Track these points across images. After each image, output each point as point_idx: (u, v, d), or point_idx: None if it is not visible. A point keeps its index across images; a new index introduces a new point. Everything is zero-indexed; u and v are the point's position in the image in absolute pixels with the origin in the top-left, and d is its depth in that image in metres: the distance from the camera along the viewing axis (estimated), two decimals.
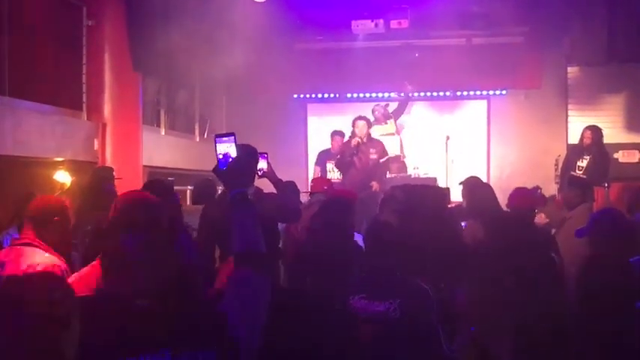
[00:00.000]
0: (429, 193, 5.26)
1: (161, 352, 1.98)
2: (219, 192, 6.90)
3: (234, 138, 2.53)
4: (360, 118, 10.01)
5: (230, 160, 2.48)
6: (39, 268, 3.32)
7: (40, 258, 3.54)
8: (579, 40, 9.69)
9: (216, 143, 2.53)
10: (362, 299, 3.54)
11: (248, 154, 3.96)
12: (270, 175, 4.71)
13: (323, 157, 10.87)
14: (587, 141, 9.13)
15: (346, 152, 9.80)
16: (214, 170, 2.49)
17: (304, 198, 7.88)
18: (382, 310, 3.50)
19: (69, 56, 8.49)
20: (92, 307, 2.02)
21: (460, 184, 5.99)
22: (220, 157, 2.49)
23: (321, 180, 7.76)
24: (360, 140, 9.64)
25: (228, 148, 2.51)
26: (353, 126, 9.99)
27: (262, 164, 4.52)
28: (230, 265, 2.32)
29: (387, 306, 3.49)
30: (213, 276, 3.13)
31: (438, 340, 3.47)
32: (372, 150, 9.81)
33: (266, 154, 4.63)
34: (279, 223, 5.23)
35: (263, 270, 2.26)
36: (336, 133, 10.70)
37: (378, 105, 11.52)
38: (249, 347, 2.12)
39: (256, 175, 4.67)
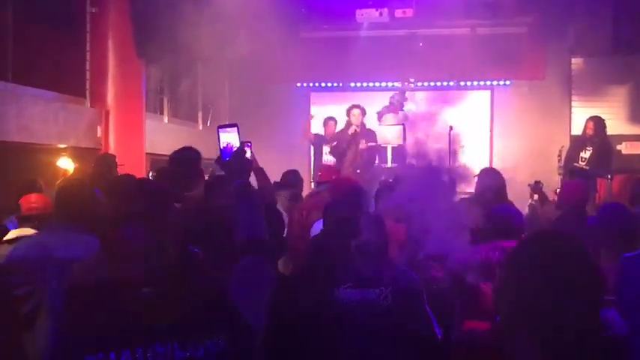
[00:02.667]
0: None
1: (169, 341, 1.96)
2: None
3: (237, 128, 2.55)
4: (355, 106, 10.11)
5: (230, 149, 2.50)
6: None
7: None
8: (584, 31, 9.64)
9: (219, 133, 2.53)
10: (348, 288, 3.49)
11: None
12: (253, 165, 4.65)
13: (318, 141, 10.97)
14: (589, 132, 9.10)
15: (342, 140, 9.88)
16: (217, 161, 2.51)
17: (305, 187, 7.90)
18: (372, 298, 3.45)
19: (72, 43, 8.48)
20: (96, 296, 2.02)
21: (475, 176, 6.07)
22: (223, 147, 2.50)
23: (330, 169, 7.74)
24: (356, 129, 9.72)
25: (231, 139, 2.52)
26: (348, 114, 10.06)
27: (247, 153, 4.43)
28: None
29: (377, 293, 3.46)
30: None
31: (430, 326, 3.46)
32: (362, 140, 9.87)
33: (250, 142, 4.55)
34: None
35: (267, 257, 2.32)
36: (330, 119, 10.85)
37: (396, 93, 11.56)
38: (256, 332, 2.16)
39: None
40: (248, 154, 4.44)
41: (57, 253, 2.72)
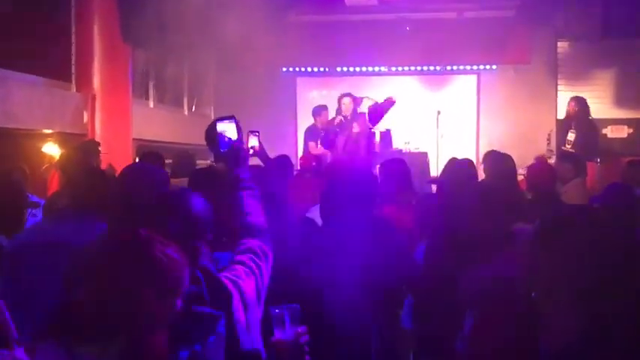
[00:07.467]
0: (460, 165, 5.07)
1: None
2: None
3: (235, 119, 2.66)
4: (346, 95, 10.05)
5: (227, 140, 2.60)
6: None
7: None
8: (572, 14, 9.65)
9: (216, 125, 2.63)
10: None
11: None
12: (261, 153, 4.57)
13: (310, 135, 10.78)
14: (570, 109, 9.17)
15: (330, 130, 9.87)
16: (215, 151, 2.59)
17: None
18: None
19: (58, 26, 8.32)
20: None
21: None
22: (220, 137, 2.59)
23: (310, 156, 7.69)
24: (342, 119, 9.73)
25: (227, 129, 2.59)
26: (339, 103, 10.02)
27: (254, 142, 4.34)
28: None
29: None
30: None
31: None
32: (354, 124, 9.83)
33: (257, 132, 4.47)
34: None
35: (266, 240, 2.49)
36: (323, 109, 10.69)
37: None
38: (259, 306, 2.33)
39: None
40: (255, 143, 4.41)
41: (67, 240, 2.64)
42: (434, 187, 5.90)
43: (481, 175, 5.95)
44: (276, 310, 2.17)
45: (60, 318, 1.62)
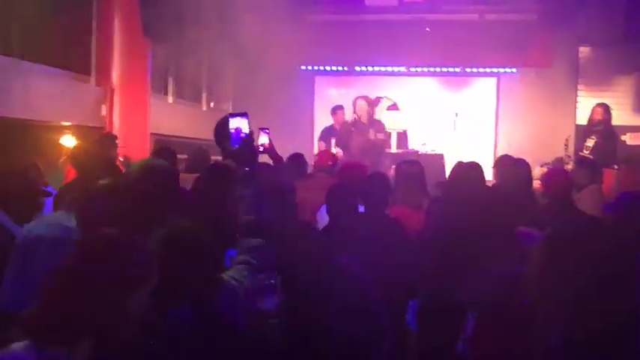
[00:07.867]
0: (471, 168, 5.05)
1: None
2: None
3: (247, 116, 2.71)
4: (361, 97, 10.08)
5: (241, 135, 2.58)
6: None
7: None
8: (594, 19, 9.57)
9: (228, 120, 2.61)
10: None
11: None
12: (270, 151, 4.56)
13: (326, 134, 10.86)
14: (597, 116, 9.06)
15: (345, 130, 9.91)
16: (225, 148, 2.59)
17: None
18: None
19: (79, 20, 8.40)
20: None
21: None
22: (232, 132, 2.58)
23: (326, 155, 7.67)
24: (357, 118, 9.77)
25: (239, 125, 2.60)
26: (353, 105, 10.06)
27: (264, 139, 4.33)
28: None
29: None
30: None
31: None
32: (371, 130, 9.84)
33: (267, 129, 4.45)
34: None
35: (270, 238, 2.49)
36: (338, 108, 10.75)
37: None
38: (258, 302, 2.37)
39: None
40: (266, 140, 4.41)
41: (69, 235, 2.65)
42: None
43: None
44: (258, 282, 2.20)
45: (32, 317, 1.63)
